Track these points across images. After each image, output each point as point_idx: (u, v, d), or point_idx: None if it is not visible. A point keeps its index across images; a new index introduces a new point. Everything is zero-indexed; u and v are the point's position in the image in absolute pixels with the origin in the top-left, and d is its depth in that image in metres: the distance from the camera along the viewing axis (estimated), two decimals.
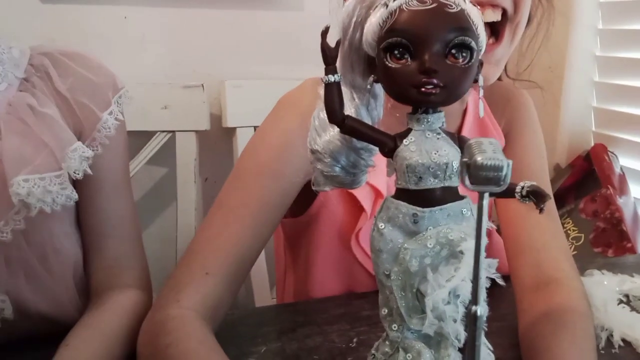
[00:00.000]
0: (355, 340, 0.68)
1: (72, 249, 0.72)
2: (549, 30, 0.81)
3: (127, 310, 0.67)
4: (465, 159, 0.34)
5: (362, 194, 0.72)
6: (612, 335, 0.70)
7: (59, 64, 0.72)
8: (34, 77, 0.71)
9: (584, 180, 1.46)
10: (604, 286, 0.80)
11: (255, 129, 1.29)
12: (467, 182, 0.34)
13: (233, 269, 0.65)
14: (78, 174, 0.66)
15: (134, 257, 0.74)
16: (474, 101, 0.80)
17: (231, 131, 1.31)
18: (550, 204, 0.78)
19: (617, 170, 1.44)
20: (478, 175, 0.33)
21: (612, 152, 1.47)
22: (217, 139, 1.36)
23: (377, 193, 0.74)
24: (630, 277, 0.84)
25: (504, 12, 0.69)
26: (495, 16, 0.68)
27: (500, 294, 0.80)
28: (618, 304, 0.76)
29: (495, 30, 0.70)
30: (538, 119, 0.85)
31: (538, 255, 0.71)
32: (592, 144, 1.54)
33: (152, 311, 0.64)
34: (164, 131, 1.25)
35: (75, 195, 0.66)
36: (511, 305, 0.75)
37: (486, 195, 0.34)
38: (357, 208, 0.75)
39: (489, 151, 0.34)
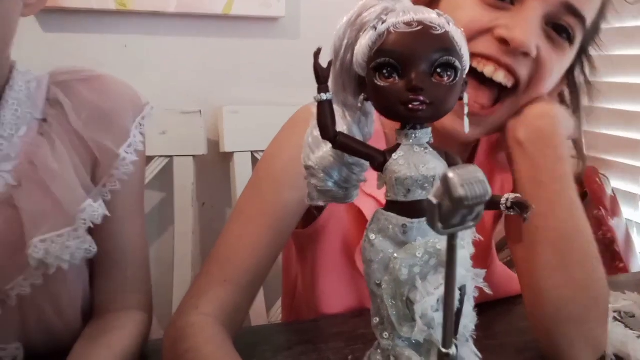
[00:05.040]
0: (350, 357, 0.69)
1: (83, 284, 0.71)
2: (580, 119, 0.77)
3: (133, 331, 0.69)
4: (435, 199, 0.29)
5: (366, 206, 0.73)
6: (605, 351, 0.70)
7: (74, 94, 0.69)
8: (51, 115, 0.67)
9: None
10: None
11: (252, 155, 1.32)
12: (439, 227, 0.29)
13: (250, 277, 0.68)
14: (87, 225, 0.64)
15: (141, 281, 0.74)
16: (488, 141, 0.81)
17: (228, 156, 1.33)
18: None
19: (609, 192, 1.46)
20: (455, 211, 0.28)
21: (604, 175, 1.49)
22: (214, 164, 1.38)
23: (381, 206, 0.75)
24: (622, 294, 0.85)
25: (517, 83, 0.67)
26: (505, 80, 0.67)
27: (493, 312, 0.81)
28: (612, 320, 0.77)
29: (499, 95, 0.69)
30: None
31: None
32: None
33: (174, 318, 0.65)
34: (161, 156, 1.27)
35: (94, 249, 0.65)
36: (503, 323, 0.76)
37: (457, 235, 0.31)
38: (362, 220, 0.76)
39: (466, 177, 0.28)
